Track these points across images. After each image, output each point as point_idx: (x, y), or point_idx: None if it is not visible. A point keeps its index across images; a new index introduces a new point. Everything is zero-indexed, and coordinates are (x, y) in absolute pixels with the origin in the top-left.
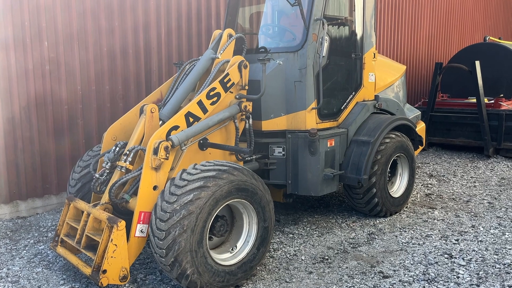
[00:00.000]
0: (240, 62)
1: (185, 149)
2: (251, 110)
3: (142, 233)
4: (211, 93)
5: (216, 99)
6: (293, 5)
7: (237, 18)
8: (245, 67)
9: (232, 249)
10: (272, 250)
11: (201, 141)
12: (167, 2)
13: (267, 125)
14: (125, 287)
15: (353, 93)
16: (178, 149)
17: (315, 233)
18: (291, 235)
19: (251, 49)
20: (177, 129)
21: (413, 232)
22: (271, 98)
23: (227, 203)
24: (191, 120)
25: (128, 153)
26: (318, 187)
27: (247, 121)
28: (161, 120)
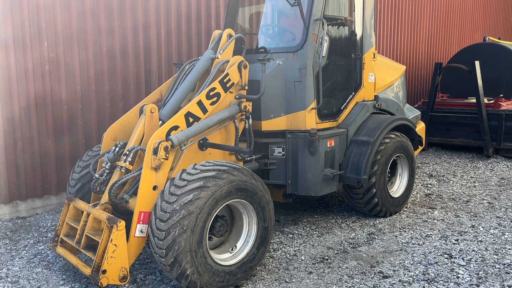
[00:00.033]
0: (240, 62)
1: (184, 149)
2: (250, 110)
3: (142, 233)
4: (211, 93)
5: (216, 99)
6: (292, 5)
7: (237, 18)
8: (245, 67)
9: (232, 249)
10: (272, 250)
11: (201, 141)
12: (166, 2)
13: (267, 125)
14: (124, 287)
15: (353, 93)
16: (177, 149)
17: (315, 233)
18: (291, 235)
19: (251, 49)
20: (177, 129)
21: (413, 232)
22: (270, 98)
23: (227, 203)
24: (191, 120)
25: (128, 153)
26: (318, 187)
27: (247, 121)
28: (161, 120)
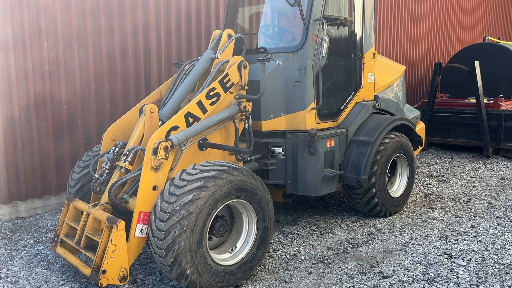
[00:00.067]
0: (239, 62)
1: (184, 149)
2: (250, 110)
3: (141, 233)
4: (211, 93)
5: (215, 99)
6: (292, 5)
7: (236, 18)
8: (245, 67)
9: (231, 249)
10: (271, 250)
11: (201, 141)
12: (166, 2)
13: (267, 125)
14: (124, 287)
15: (353, 93)
16: (177, 149)
17: (314, 233)
18: (291, 235)
19: (251, 49)
20: (176, 129)
21: (412, 232)
22: (270, 98)
23: (226, 203)
24: (191, 120)
25: (127, 153)
26: (317, 187)
27: (247, 121)
28: (161, 120)
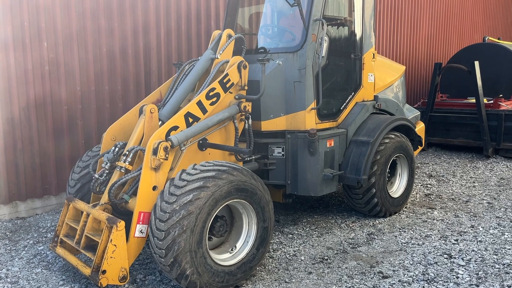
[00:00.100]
0: (239, 62)
1: (184, 149)
2: (250, 110)
3: (141, 233)
4: (211, 94)
5: (215, 99)
6: (292, 6)
7: (236, 18)
8: (245, 67)
9: (231, 250)
10: (271, 250)
11: (201, 142)
12: (166, 2)
13: (267, 125)
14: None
15: (353, 93)
16: (177, 149)
17: (314, 233)
18: (291, 236)
19: (251, 50)
20: (176, 130)
21: (412, 232)
22: (270, 98)
23: (226, 204)
24: (191, 120)
25: (127, 154)
26: (317, 187)
27: (247, 122)
28: (161, 120)
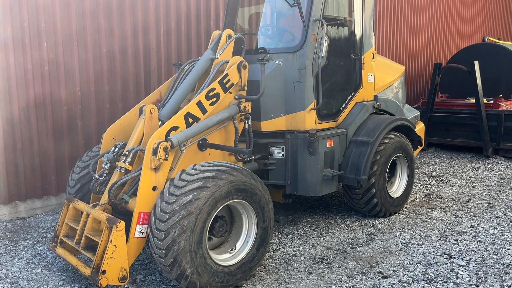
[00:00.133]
0: (239, 62)
1: (184, 149)
2: (250, 110)
3: (141, 233)
4: (210, 94)
5: (215, 99)
6: (292, 6)
7: (236, 18)
8: (244, 67)
9: (231, 250)
10: (271, 250)
11: (201, 142)
12: (166, 3)
13: (267, 125)
14: None
15: (352, 93)
16: (177, 149)
17: (314, 233)
18: (291, 236)
19: (251, 50)
20: (176, 130)
21: (412, 232)
22: (270, 98)
23: (226, 204)
24: (191, 120)
25: (127, 154)
26: (317, 187)
27: (246, 122)
28: (161, 120)
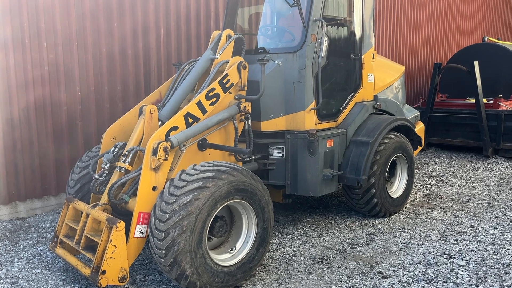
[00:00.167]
0: (239, 62)
1: (184, 149)
2: (250, 110)
3: (141, 233)
4: (210, 94)
5: (215, 99)
6: (292, 6)
7: (236, 18)
8: (244, 67)
9: (231, 250)
10: (271, 250)
11: (200, 142)
12: (166, 3)
13: (266, 125)
14: None
15: (352, 93)
16: (177, 149)
17: (314, 233)
18: (290, 236)
19: (250, 50)
20: (176, 130)
21: (412, 232)
22: (270, 98)
23: (226, 204)
24: (190, 120)
25: (127, 154)
26: (317, 187)
27: (246, 122)
28: (160, 120)
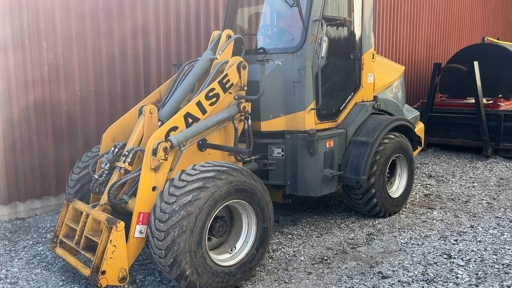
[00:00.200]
0: (239, 62)
1: (184, 150)
2: (250, 110)
3: (141, 234)
4: (210, 94)
5: (215, 99)
6: (291, 6)
7: (236, 19)
8: (244, 67)
9: (231, 250)
10: (271, 250)
11: (200, 142)
12: (165, 3)
13: (266, 125)
14: None
15: (352, 93)
16: (177, 150)
17: (314, 233)
18: (290, 236)
19: (250, 50)
20: (176, 130)
21: (412, 232)
22: (270, 98)
23: (226, 204)
24: (190, 121)
25: (127, 154)
26: (317, 187)
27: (246, 122)
28: (160, 121)
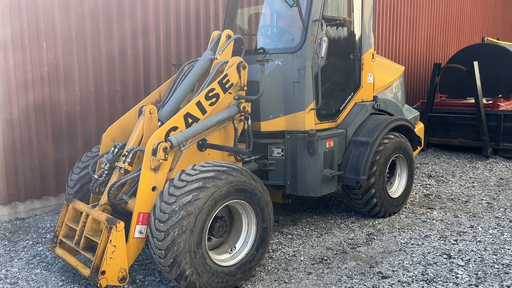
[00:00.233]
0: (239, 63)
1: (184, 150)
2: (250, 111)
3: (141, 234)
4: (210, 94)
5: (215, 100)
6: (291, 6)
7: (235, 19)
8: (244, 68)
9: (231, 250)
10: (271, 251)
11: (200, 142)
12: (165, 3)
13: (266, 126)
14: None
15: (352, 93)
16: (177, 150)
17: (314, 233)
18: (290, 236)
19: (250, 50)
20: (176, 130)
21: (412, 232)
22: (269, 99)
23: (226, 204)
24: (190, 121)
25: (127, 154)
26: (317, 187)
27: (246, 122)
28: (160, 121)
